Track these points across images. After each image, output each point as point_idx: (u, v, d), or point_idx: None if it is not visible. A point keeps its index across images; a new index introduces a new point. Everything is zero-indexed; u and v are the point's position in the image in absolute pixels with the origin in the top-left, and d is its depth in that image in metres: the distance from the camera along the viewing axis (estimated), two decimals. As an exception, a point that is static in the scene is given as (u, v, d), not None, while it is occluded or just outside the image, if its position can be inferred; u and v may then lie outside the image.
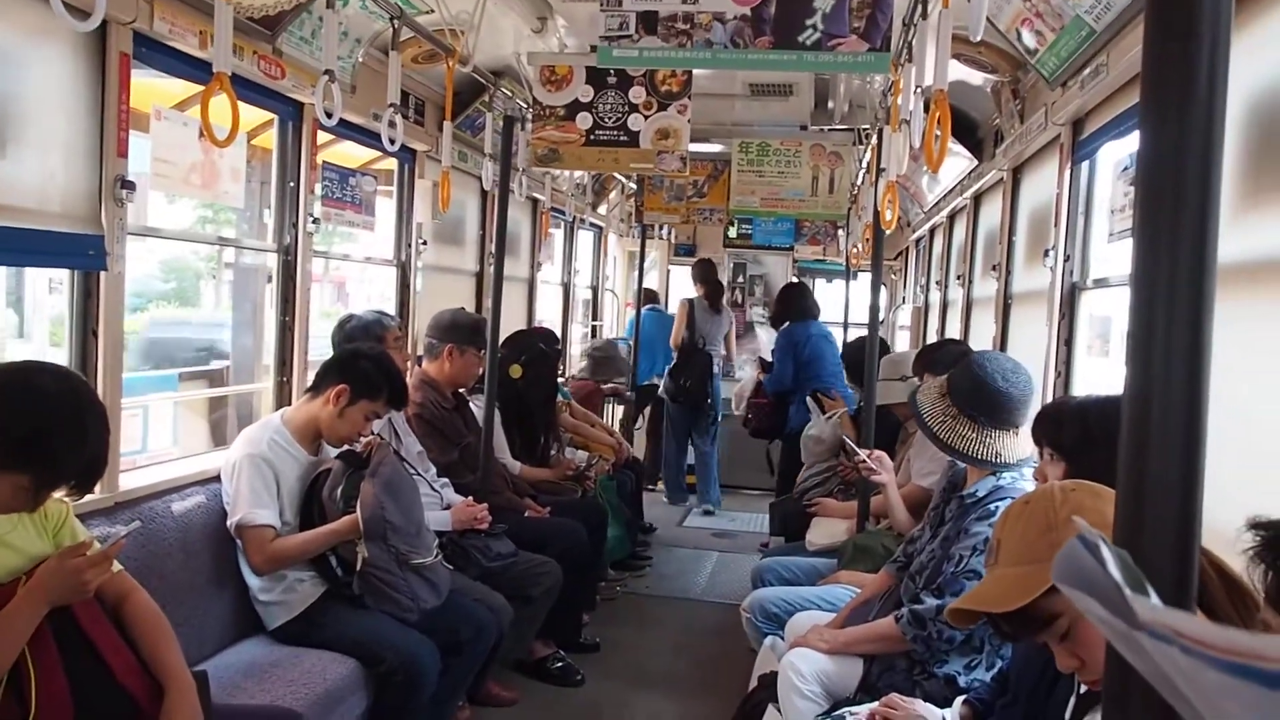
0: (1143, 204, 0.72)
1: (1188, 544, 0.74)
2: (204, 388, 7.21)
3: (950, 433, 2.84)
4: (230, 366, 6.77)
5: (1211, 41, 0.68)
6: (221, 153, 3.37)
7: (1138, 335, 0.73)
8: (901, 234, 8.98)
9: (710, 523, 7.67)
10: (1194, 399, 0.72)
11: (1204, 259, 0.71)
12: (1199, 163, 0.69)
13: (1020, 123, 4.06)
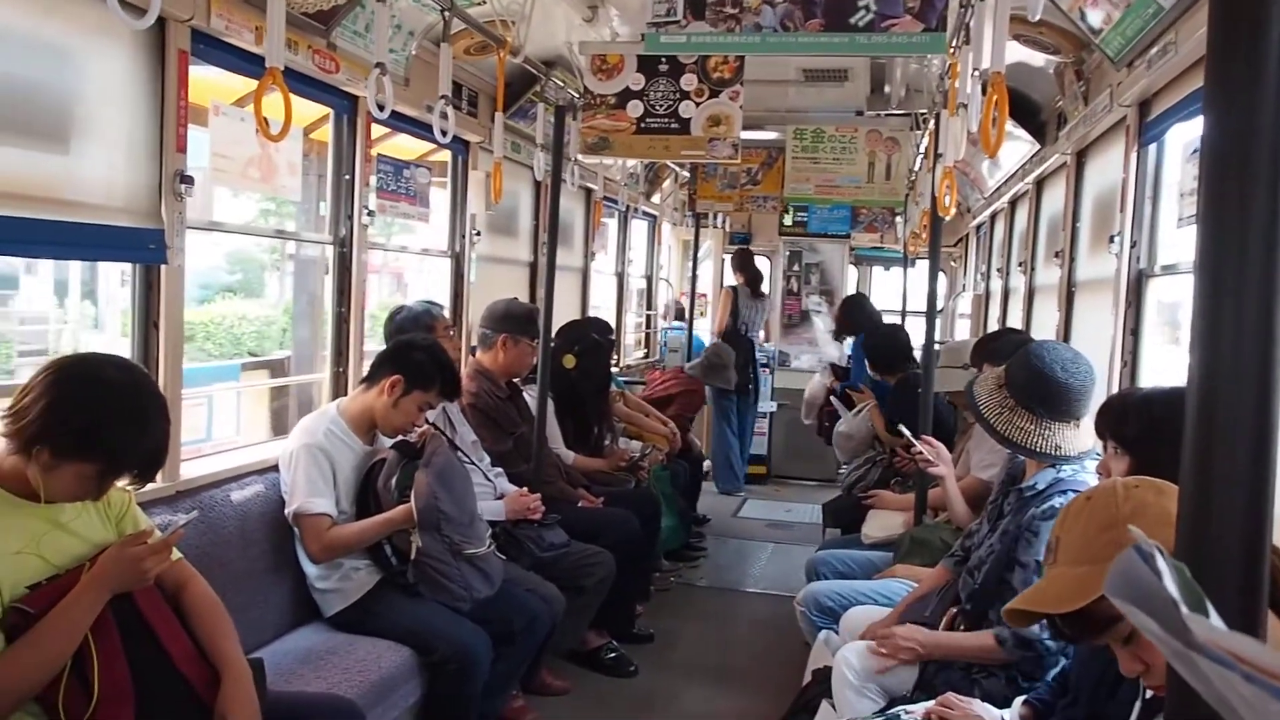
0: (1208, 187, 0.68)
1: (1257, 546, 0.70)
2: (265, 378, 7.33)
3: (1008, 425, 2.77)
4: (291, 356, 6.88)
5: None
6: (278, 147, 3.41)
7: (1203, 323, 0.70)
8: (961, 220, 8.82)
9: (765, 513, 7.63)
10: (1264, 391, 0.68)
11: (1274, 244, 0.67)
12: (1269, 145, 0.65)
13: (1084, 105, 3.95)
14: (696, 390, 7.04)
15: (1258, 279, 0.67)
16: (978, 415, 2.86)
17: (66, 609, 1.88)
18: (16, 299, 16.16)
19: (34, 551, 1.96)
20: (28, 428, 1.89)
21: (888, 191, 6.07)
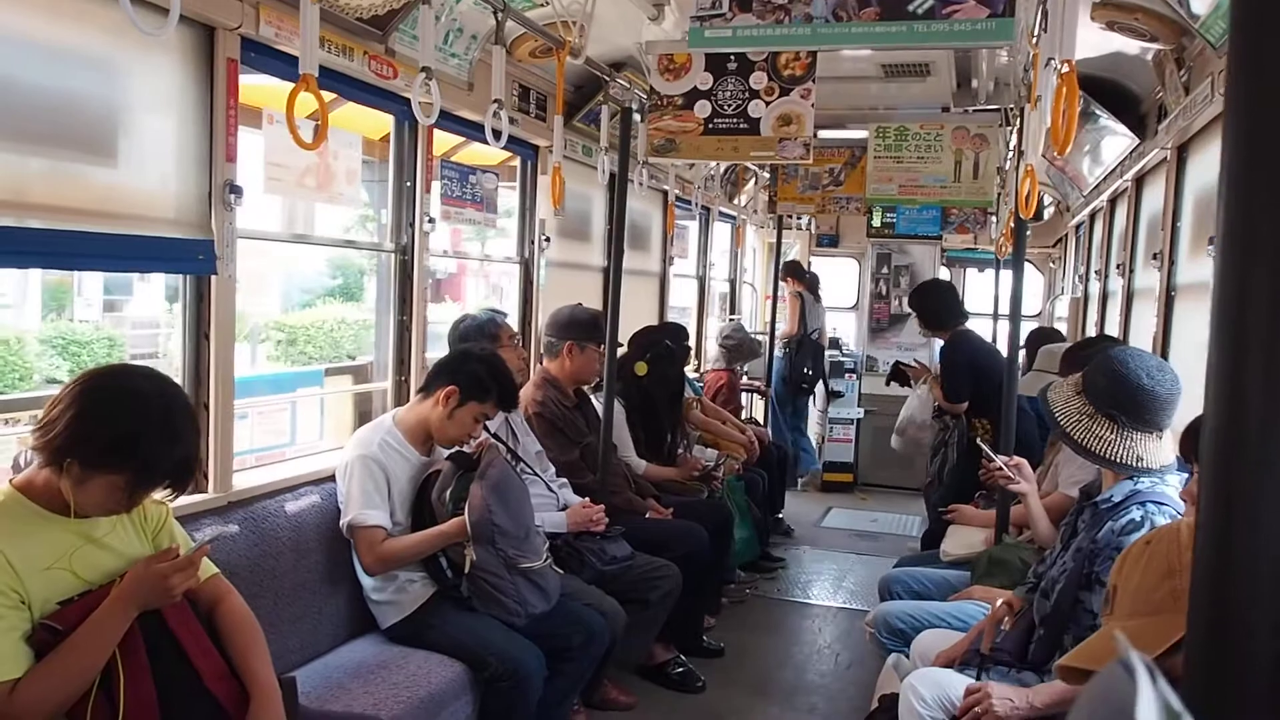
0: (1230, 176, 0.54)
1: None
2: (349, 383, 7.44)
3: (1087, 433, 2.58)
4: (374, 362, 6.96)
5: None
6: (336, 154, 3.40)
7: (1223, 333, 0.55)
8: (1060, 219, 8.46)
9: (850, 523, 7.42)
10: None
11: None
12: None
13: (1185, 96, 3.69)
14: (725, 381, 6.81)
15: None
16: (1053, 423, 2.67)
17: (94, 626, 1.86)
18: (130, 304, 16.87)
19: (65, 567, 1.94)
20: (56, 439, 1.88)
21: (976, 191, 5.81)
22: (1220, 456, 0.56)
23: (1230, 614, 0.56)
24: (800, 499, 7.85)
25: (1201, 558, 0.57)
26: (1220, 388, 0.55)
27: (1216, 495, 0.56)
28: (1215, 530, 0.56)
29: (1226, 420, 0.55)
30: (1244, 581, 0.55)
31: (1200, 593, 0.57)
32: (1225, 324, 0.55)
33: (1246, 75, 0.55)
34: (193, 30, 2.64)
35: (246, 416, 5.39)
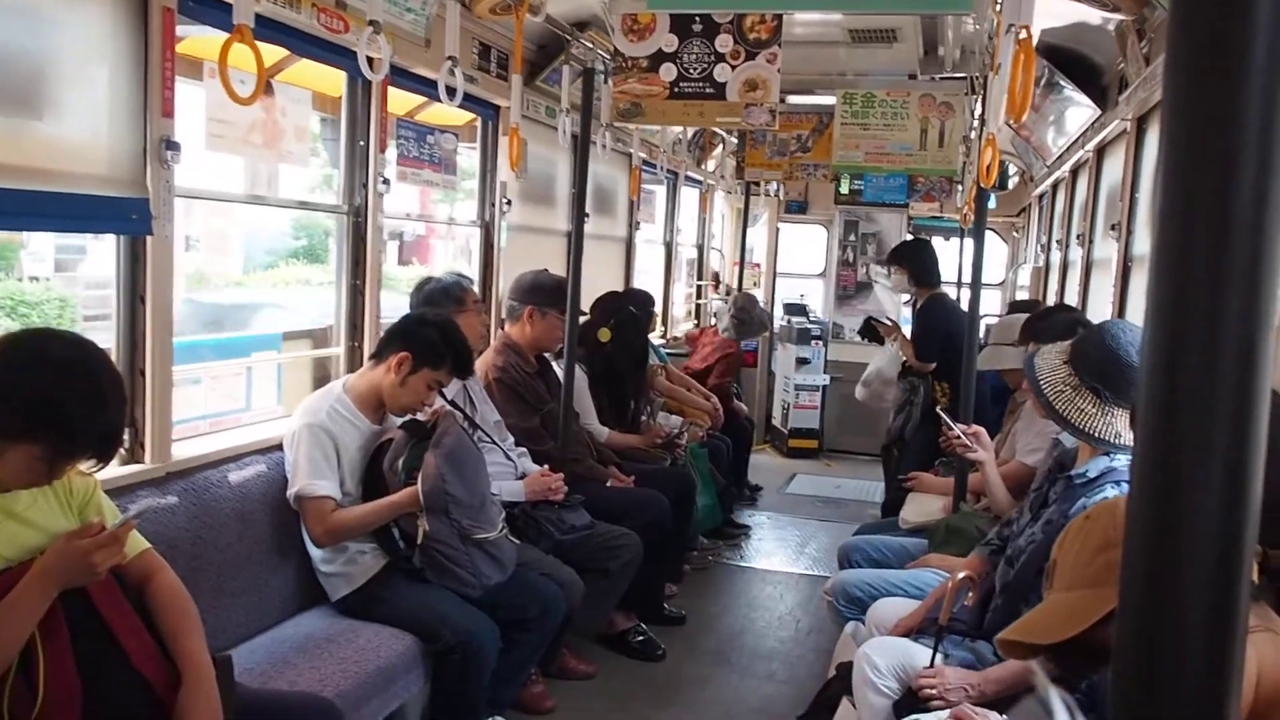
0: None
1: (1228, 611, 0.53)
2: (308, 347, 7.32)
3: (1069, 405, 2.55)
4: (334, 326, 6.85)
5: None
6: (285, 110, 3.29)
7: (1160, 300, 0.52)
8: (1025, 189, 8.45)
9: (815, 489, 7.43)
10: (1247, 381, 0.50)
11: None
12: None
13: (1146, 66, 3.65)
14: (733, 352, 6.81)
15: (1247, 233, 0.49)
16: (1037, 391, 2.63)
17: (8, 605, 1.78)
18: (84, 263, 16.53)
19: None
20: None
21: (941, 159, 5.76)
22: (1155, 426, 0.54)
23: (1162, 585, 0.54)
24: (765, 465, 7.85)
25: (1134, 528, 0.54)
26: (1156, 357, 0.54)
27: (1151, 464, 0.54)
28: (1149, 500, 0.54)
29: (1162, 390, 0.54)
30: (1176, 551, 0.53)
31: (1133, 563, 0.55)
32: (1162, 294, 0.54)
33: (1186, 41, 0.51)
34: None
35: (200, 381, 5.28)
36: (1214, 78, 0.50)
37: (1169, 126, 0.52)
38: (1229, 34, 0.49)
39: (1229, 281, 0.50)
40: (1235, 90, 0.49)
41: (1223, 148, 0.50)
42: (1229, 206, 0.50)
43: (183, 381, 3.84)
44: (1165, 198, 0.52)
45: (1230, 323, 0.51)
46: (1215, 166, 0.50)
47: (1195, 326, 0.51)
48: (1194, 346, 0.52)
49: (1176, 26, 0.51)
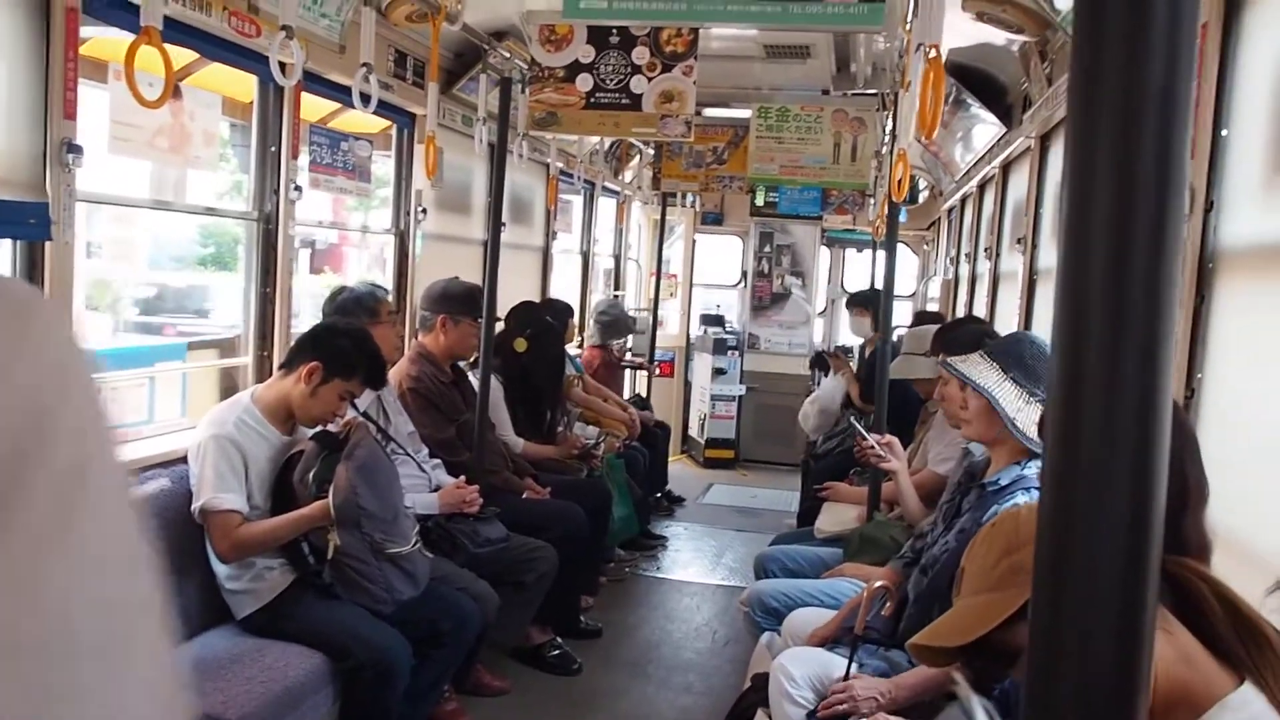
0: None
1: (1137, 612, 0.54)
2: (214, 357, 7.12)
3: (997, 390, 2.59)
4: (242, 335, 6.69)
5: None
6: (193, 114, 3.21)
7: (1065, 308, 0.54)
8: (935, 203, 8.67)
9: (731, 499, 7.49)
10: (1150, 390, 0.52)
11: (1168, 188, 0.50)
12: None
13: (1048, 86, 3.78)
14: (606, 361, 6.74)
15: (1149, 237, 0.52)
16: (967, 381, 2.66)
17: None
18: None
19: None
20: None
21: (854, 173, 5.89)
22: (1062, 430, 0.54)
23: (1072, 587, 0.54)
24: (682, 475, 7.89)
25: (1044, 530, 0.55)
26: (1063, 365, 0.54)
27: (1060, 470, 0.55)
28: (1057, 502, 0.55)
29: (1068, 396, 0.54)
30: (1085, 552, 0.53)
31: (1043, 571, 0.56)
32: (1067, 303, 0.54)
33: (1085, 67, 0.53)
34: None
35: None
36: (1115, 96, 0.51)
37: (1072, 143, 0.54)
38: (1130, 56, 0.51)
39: (1129, 291, 0.52)
40: (1136, 109, 0.51)
41: (1123, 165, 0.52)
42: (1129, 223, 0.51)
43: (81, 392, 3.70)
44: (1069, 212, 0.53)
45: (1132, 331, 0.52)
46: (1115, 182, 0.52)
47: (1098, 335, 0.53)
48: (1097, 354, 0.53)
49: (1079, 48, 0.53)
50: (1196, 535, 1.57)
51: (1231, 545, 1.80)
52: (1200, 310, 2.13)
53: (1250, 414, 1.99)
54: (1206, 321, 2.14)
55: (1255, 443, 1.96)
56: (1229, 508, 1.83)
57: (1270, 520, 1.86)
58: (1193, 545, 1.52)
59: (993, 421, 2.61)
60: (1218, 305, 2.13)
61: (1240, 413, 2.05)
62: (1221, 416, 2.11)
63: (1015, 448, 2.61)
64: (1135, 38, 0.50)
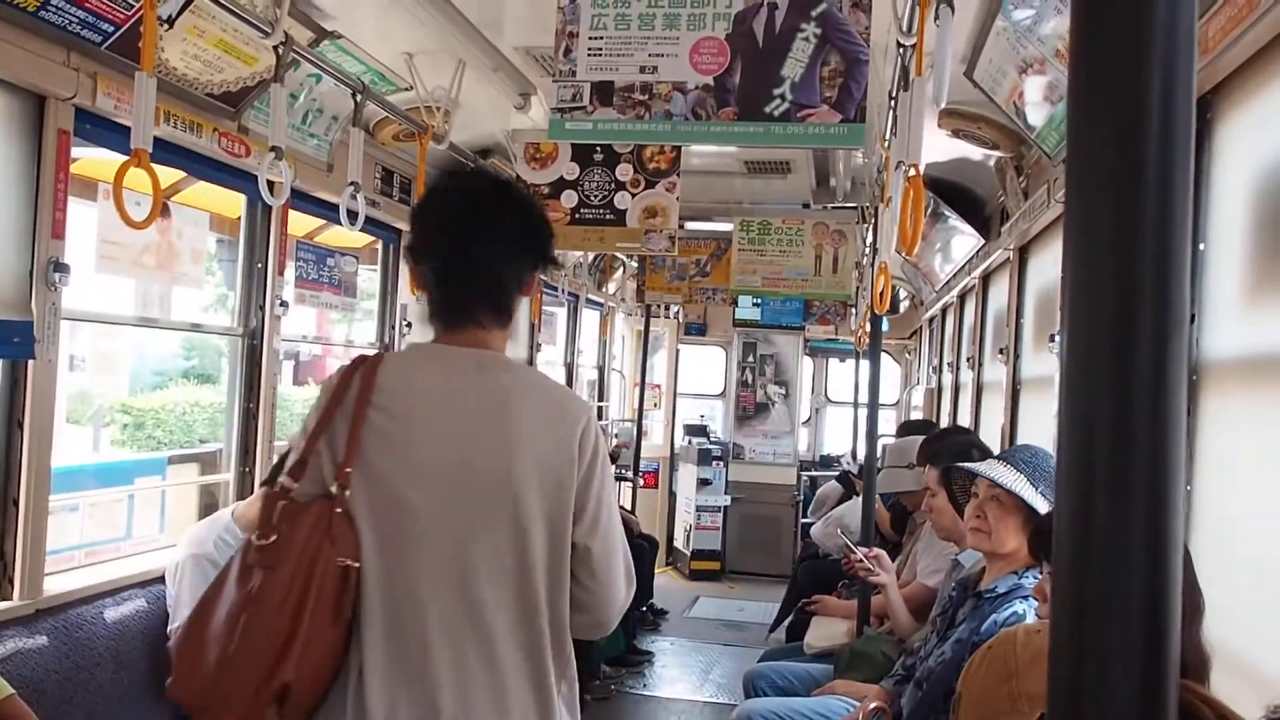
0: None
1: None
2: (194, 472, 7.03)
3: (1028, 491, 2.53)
4: (223, 450, 6.61)
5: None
6: (181, 232, 3.24)
7: (1072, 415, 0.53)
8: (916, 312, 8.78)
9: (718, 612, 7.36)
10: (1160, 504, 0.51)
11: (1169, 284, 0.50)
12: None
13: (1025, 200, 3.88)
14: None
15: (1153, 338, 0.52)
16: (993, 482, 2.60)
17: None
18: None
19: None
20: None
21: (835, 284, 5.98)
22: (1071, 554, 0.54)
23: (1085, 709, 0.53)
24: (668, 588, 7.76)
25: (1056, 656, 0.54)
26: (1069, 485, 0.54)
27: (1069, 591, 0.54)
28: (1069, 627, 0.54)
29: (1077, 518, 0.54)
30: (1098, 678, 0.53)
31: (1058, 689, 0.55)
32: (1073, 423, 0.54)
33: (1080, 183, 0.54)
34: (20, 99, 2.48)
35: (78, 508, 5.00)
36: (1113, 207, 0.52)
37: (1071, 255, 0.54)
38: (1124, 172, 0.52)
39: (1137, 398, 0.51)
40: (1136, 219, 0.51)
41: (1123, 278, 0.52)
42: (1132, 328, 0.51)
43: (59, 509, 3.64)
44: (1070, 328, 0.53)
45: (1141, 440, 0.51)
46: (1117, 290, 0.52)
47: (1107, 447, 0.52)
48: (1103, 469, 0.52)
49: (1073, 162, 0.54)
50: (1194, 651, 1.55)
51: (1228, 659, 1.77)
52: (1188, 424, 2.14)
53: (1240, 527, 1.98)
54: (1194, 434, 2.14)
55: (1247, 556, 1.94)
56: (1224, 622, 1.80)
57: (1265, 634, 1.84)
58: (1192, 661, 1.50)
59: (1014, 531, 2.52)
60: (1204, 418, 2.14)
61: (1230, 526, 2.04)
62: (1212, 529, 2.10)
63: (1018, 557, 2.57)
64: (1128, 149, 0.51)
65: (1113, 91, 0.52)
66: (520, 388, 1.58)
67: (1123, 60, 0.52)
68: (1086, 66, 0.54)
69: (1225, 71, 2.07)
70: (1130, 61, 0.51)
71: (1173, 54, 0.51)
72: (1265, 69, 1.96)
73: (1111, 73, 0.52)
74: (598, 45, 2.37)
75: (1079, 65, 0.54)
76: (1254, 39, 1.89)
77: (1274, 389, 1.90)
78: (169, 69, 2.85)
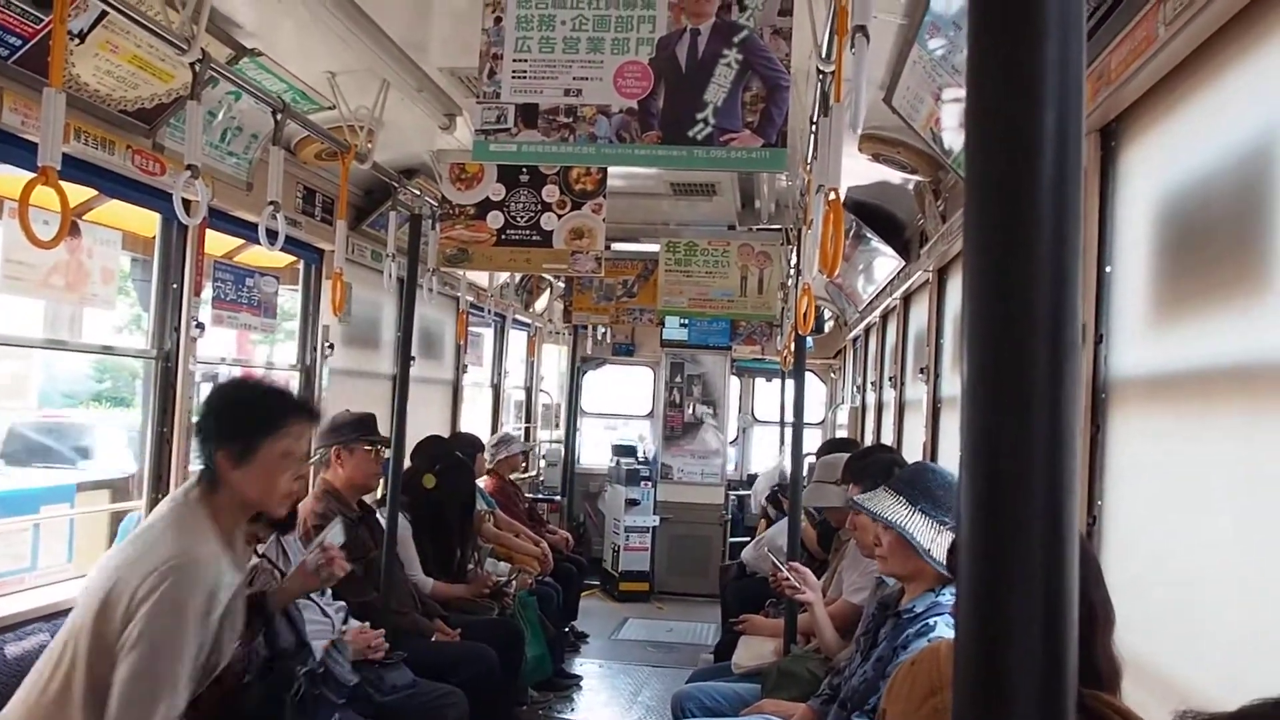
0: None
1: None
2: (106, 499, 6.81)
3: (908, 523, 2.60)
4: (135, 476, 6.40)
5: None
6: (91, 251, 3.15)
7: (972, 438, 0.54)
8: (840, 332, 8.92)
9: (646, 634, 7.33)
10: (1057, 521, 0.53)
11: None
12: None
13: (942, 223, 3.97)
14: (504, 488, 6.62)
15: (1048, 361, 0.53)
16: (876, 519, 2.67)
17: None
18: None
19: None
20: None
21: (761, 305, 6.05)
22: (976, 568, 0.55)
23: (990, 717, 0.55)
24: (596, 610, 7.72)
25: (962, 674, 0.55)
26: (971, 505, 0.55)
27: (974, 606, 0.55)
28: (974, 644, 0.55)
29: (979, 535, 0.55)
30: (1004, 694, 0.54)
31: (963, 700, 0.56)
32: (974, 444, 0.56)
33: (979, 211, 0.56)
34: None
35: (-23, 539, 4.81)
36: (1009, 235, 0.54)
37: (970, 280, 0.55)
38: (1019, 197, 0.53)
39: (1034, 417, 0.52)
40: (1031, 246, 0.53)
41: (1019, 298, 0.53)
42: (1028, 355, 0.53)
43: (-44, 540, 3.50)
44: (970, 345, 0.55)
45: (1036, 460, 0.53)
46: (1013, 315, 0.53)
47: (1006, 465, 0.53)
48: (1007, 485, 0.54)
49: (971, 191, 0.55)
50: (1106, 661, 1.59)
51: (1140, 670, 1.82)
52: (1097, 439, 2.20)
53: (1151, 539, 2.04)
54: (1103, 450, 2.21)
55: (1157, 568, 2.00)
56: (1135, 632, 1.85)
57: (1175, 644, 1.89)
58: (1104, 671, 1.54)
59: (908, 555, 2.61)
60: (1113, 434, 2.20)
61: (1141, 538, 2.10)
62: (1123, 542, 2.16)
63: (930, 575, 2.62)
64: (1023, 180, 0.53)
65: (1006, 123, 0.54)
66: None
67: (1014, 92, 0.53)
68: (979, 100, 0.56)
69: (1128, 101, 2.15)
70: (1022, 93, 0.53)
71: (1065, 86, 0.52)
72: (1166, 98, 2.04)
73: (1004, 104, 0.54)
74: (522, 68, 2.37)
75: (974, 99, 0.55)
76: (1154, 70, 1.97)
77: (1180, 405, 1.97)
78: (80, 85, 2.77)
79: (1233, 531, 1.70)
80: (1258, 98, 1.70)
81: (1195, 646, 1.82)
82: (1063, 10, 0.53)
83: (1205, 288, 1.85)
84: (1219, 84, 1.82)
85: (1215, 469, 1.78)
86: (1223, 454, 1.76)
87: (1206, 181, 1.88)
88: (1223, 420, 1.78)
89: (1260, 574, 1.60)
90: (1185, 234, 1.96)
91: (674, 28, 2.33)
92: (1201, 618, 1.80)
